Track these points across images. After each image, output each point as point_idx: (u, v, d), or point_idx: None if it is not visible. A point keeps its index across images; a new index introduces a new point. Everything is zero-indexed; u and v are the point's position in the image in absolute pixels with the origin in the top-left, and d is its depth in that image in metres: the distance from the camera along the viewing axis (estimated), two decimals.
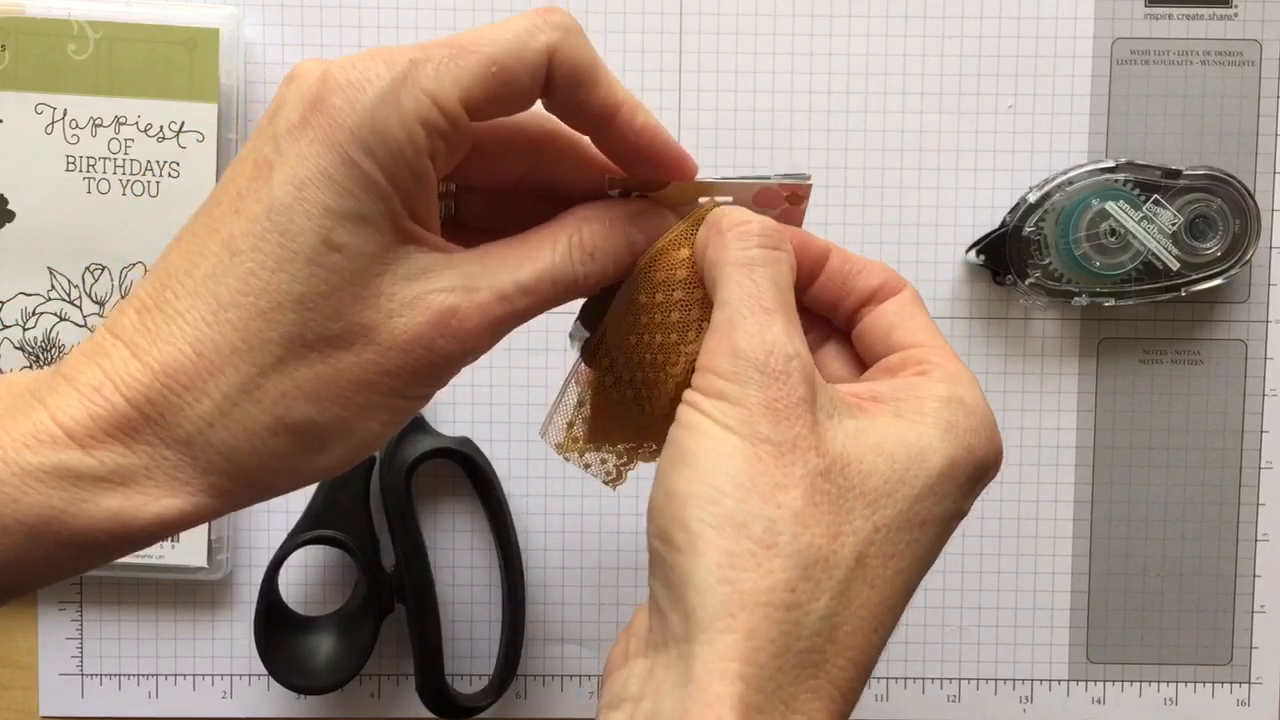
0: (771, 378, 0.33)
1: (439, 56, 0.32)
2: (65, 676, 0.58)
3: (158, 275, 0.33)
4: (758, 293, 0.34)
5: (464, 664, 0.59)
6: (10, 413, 0.32)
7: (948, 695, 0.59)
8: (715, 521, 0.32)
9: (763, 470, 0.32)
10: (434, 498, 0.58)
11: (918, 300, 0.38)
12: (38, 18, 0.54)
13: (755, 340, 0.33)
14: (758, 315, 0.34)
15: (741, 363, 0.33)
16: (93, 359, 0.32)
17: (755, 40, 0.57)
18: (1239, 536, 0.58)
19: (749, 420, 0.33)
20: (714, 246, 0.36)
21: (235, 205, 0.32)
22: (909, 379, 0.36)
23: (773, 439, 0.32)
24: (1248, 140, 0.57)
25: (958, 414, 0.35)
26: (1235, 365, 0.58)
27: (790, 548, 0.31)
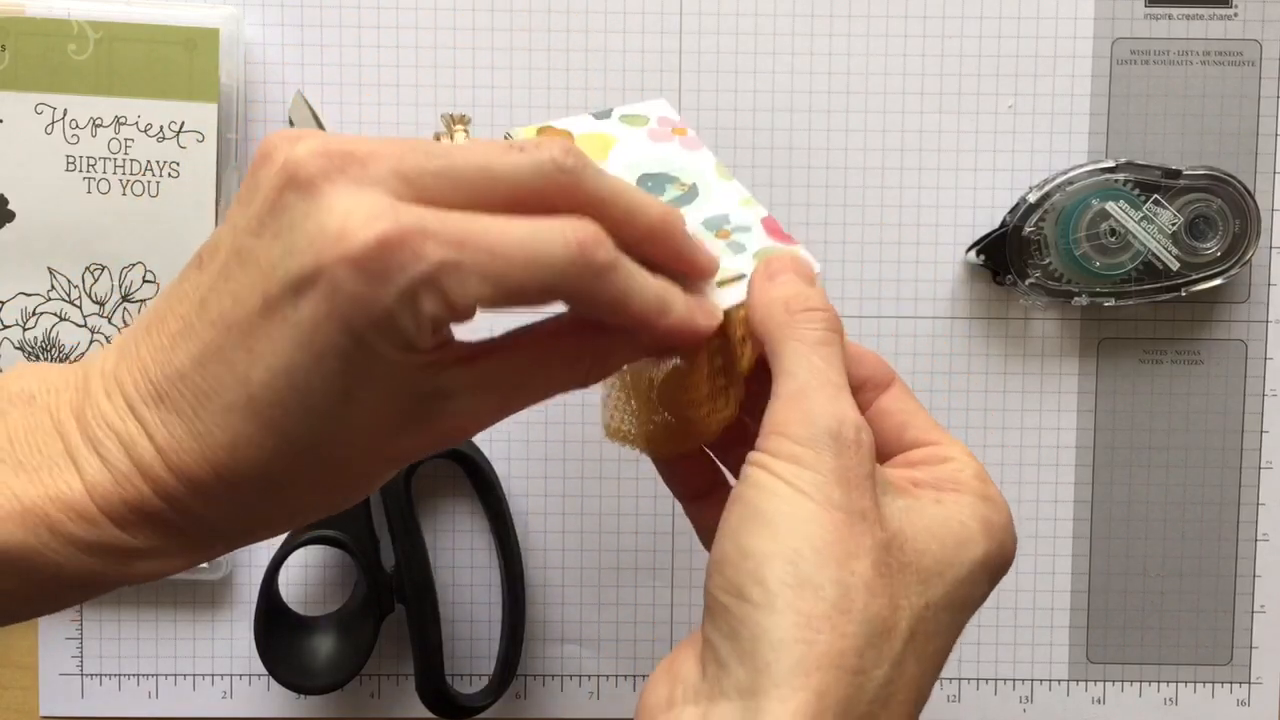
0: (845, 446, 0.34)
1: (469, 263, 0.31)
2: (65, 676, 0.58)
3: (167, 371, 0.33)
4: (827, 368, 0.36)
5: (464, 664, 0.59)
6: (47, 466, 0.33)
7: (948, 695, 0.59)
8: (794, 582, 0.33)
9: (838, 537, 0.33)
10: (434, 498, 0.58)
11: (910, 395, 0.40)
12: (38, 18, 0.54)
13: (829, 410, 0.35)
14: (829, 389, 0.35)
15: (816, 430, 0.34)
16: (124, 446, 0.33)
17: (755, 40, 0.57)
18: (1239, 536, 0.58)
19: (824, 486, 0.34)
20: (780, 323, 0.37)
21: (247, 343, 0.32)
22: (948, 472, 0.37)
23: (845, 507, 0.33)
24: (1248, 140, 0.57)
25: (991, 512, 0.36)
26: (1235, 365, 0.58)
27: (862, 615, 0.33)
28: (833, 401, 0.35)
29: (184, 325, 0.33)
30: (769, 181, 0.57)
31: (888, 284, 0.57)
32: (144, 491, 0.33)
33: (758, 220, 0.40)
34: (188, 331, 0.33)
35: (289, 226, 0.31)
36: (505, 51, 0.57)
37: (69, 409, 0.34)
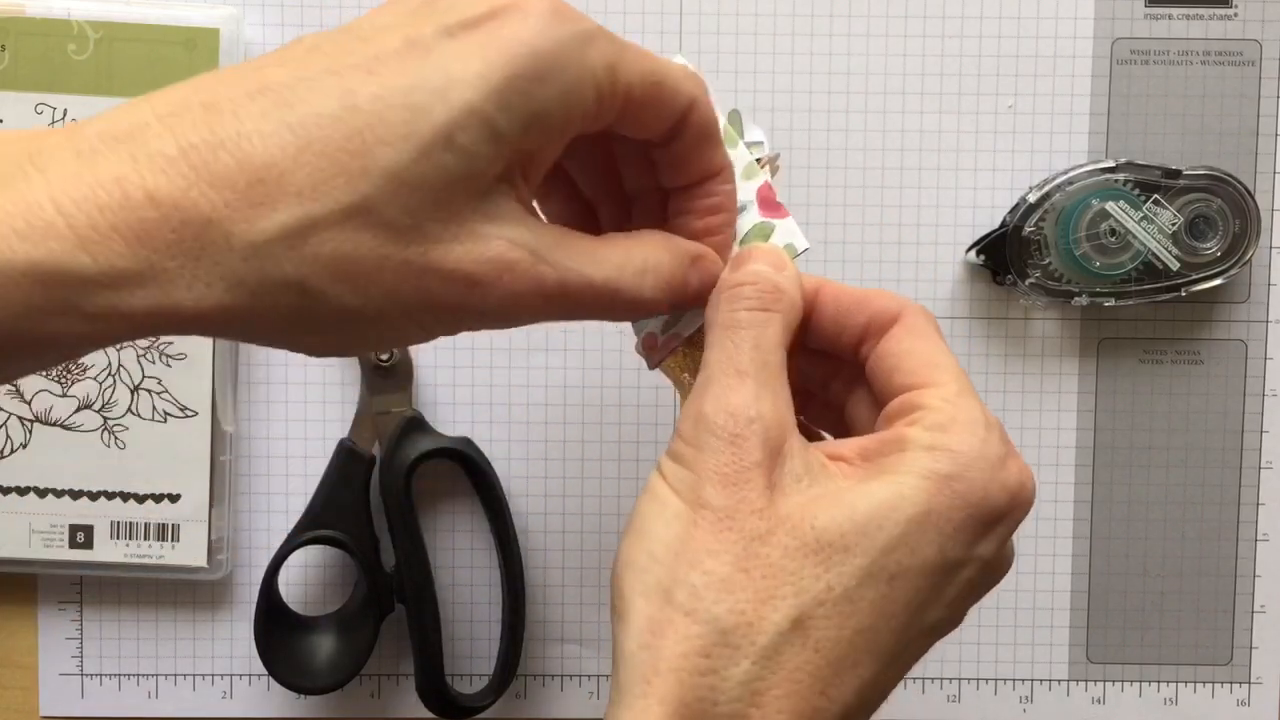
0: (727, 442, 0.33)
1: (626, 43, 0.33)
2: (65, 676, 0.58)
3: (244, 81, 0.29)
4: (735, 354, 0.34)
5: (464, 664, 0.59)
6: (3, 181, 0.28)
7: (948, 695, 0.59)
8: (644, 589, 0.32)
9: (696, 537, 0.32)
10: (434, 498, 0.58)
11: (917, 326, 0.37)
12: (38, 18, 0.54)
13: (719, 404, 0.33)
14: (729, 378, 0.34)
15: (701, 427, 0.33)
16: (125, 143, 0.28)
17: (755, 40, 0.57)
18: (1239, 536, 0.58)
19: (696, 486, 0.33)
20: (709, 308, 0.36)
21: (370, 65, 0.29)
22: (896, 431, 0.35)
23: (713, 505, 0.32)
24: (1248, 140, 0.57)
25: (941, 463, 0.34)
26: (1235, 365, 0.58)
27: (708, 614, 0.32)
28: (728, 392, 0.34)
29: (282, 60, 0.30)
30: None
31: (888, 284, 0.57)
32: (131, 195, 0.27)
33: (753, 193, 0.40)
34: (287, 61, 0.30)
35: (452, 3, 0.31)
36: None
37: (51, 135, 0.29)
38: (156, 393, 0.55)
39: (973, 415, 0.35)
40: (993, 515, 0.34)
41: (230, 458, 0.57)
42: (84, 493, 0.56)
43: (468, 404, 0.58)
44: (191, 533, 0.56)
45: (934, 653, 0.58)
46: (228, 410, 0.56)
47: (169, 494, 0.56)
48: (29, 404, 0.55)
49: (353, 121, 0.29)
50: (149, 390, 0.55)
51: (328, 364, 0.57)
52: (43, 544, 0.56)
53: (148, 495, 0.56)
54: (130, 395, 0.55)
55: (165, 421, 0.55)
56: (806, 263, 0.57)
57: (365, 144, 0.29)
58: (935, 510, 0.33)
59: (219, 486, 0.56)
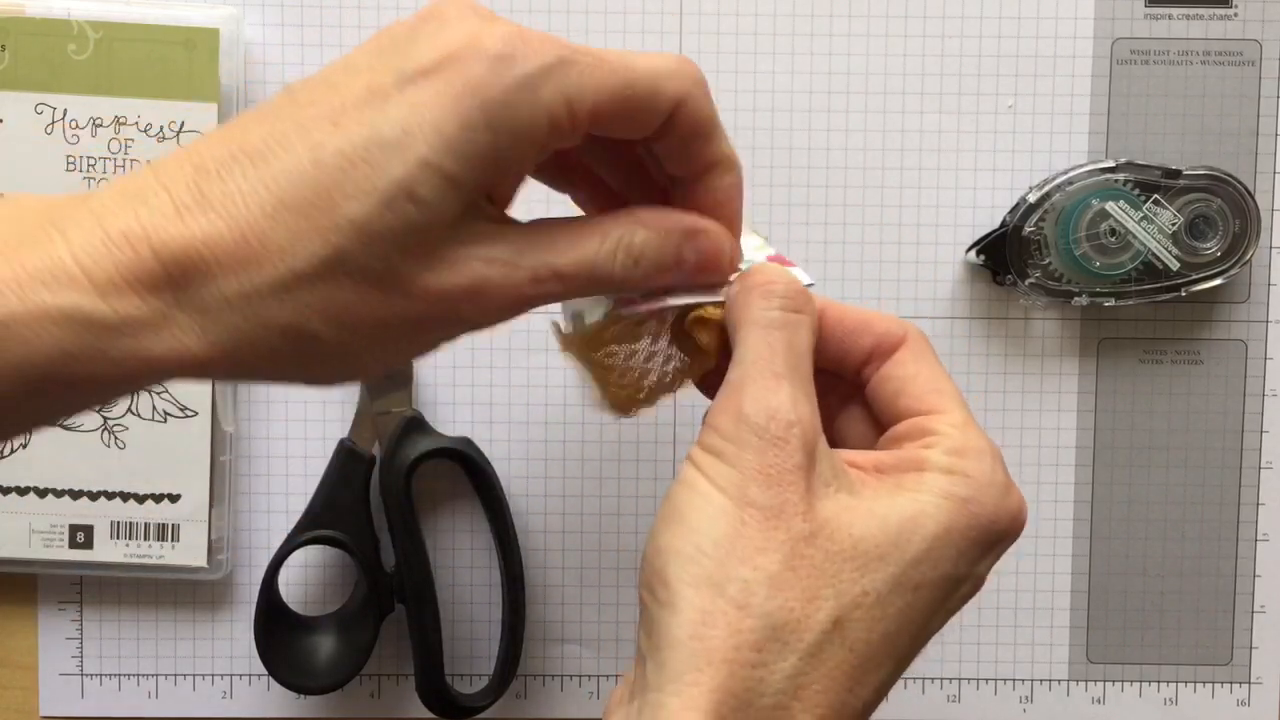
0: (769, 443, 0.34)
1: (584, 61, 0.33)
2: (65, 676, 0.58)
3: (227, 142, 0.32)
4: (770, 356, 0.35)
5: (464, 664, 0.59)
6: (24, 241, 0.31)
7: (948, 695, 0.59)
8: (693, 580, 0.33)
9: (745, 534, 0.33)
10: (434, 498, 0.58)
11: (921, 351, 0.39)
12: (38, 18, 0.54)
13: (760, 404, 0.35)
14: (767, 379, 0.35)
15: (743, 426, 0.34)
16: (130, 203, 0.31)
17: (755, 40, 0.57)
18: (1239, 536, 0.58)
19: (740, 483, 0.34)
20: (739, 305, 0.37)
21: (335, 117, 0.32)
22: (913, 452, 0.36)
23: (760, 503, 0.34)
24: (1248, 140, 0.57)
25: (957, 485, 0.35)
26: (1235, 365, 0.58)
27: (761, 609, 0.33)
28: (767, 393, 0.35)
29: (262, 116, 0.32)
30: (769, 181, 0.57)
31: (888, 284, 0.57)
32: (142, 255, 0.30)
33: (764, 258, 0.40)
34: (265, 118, 0.32)
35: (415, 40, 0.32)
36: None
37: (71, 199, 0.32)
38: (156, 393, 0.55)
39: (981, 444, 0.37)
40: (996, 537, 0.36)
41: (230, 458, 0.57)
42: (84, 493, 0.56)
43: (468, 404, 0.58)
44: (191, 533, 0.56)
45: (934, 653, 0.59)
46: (228, 410, 0.56)
47: (169, 494, 0.56)
48: None
49: (320, 178, 0.31)
50: (149, 390, 0.55)
51: None
52: (43, 544, 0.56)
53: (148, 495, 0.56)
54: (130, 395, 0.55)
55: (165, 421, 0.55)
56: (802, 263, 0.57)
57: (333, 200, 0.31)
58: (954, 529, 0.35)
59: (219, 486, 0.56)
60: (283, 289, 0.31)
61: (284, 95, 0.33)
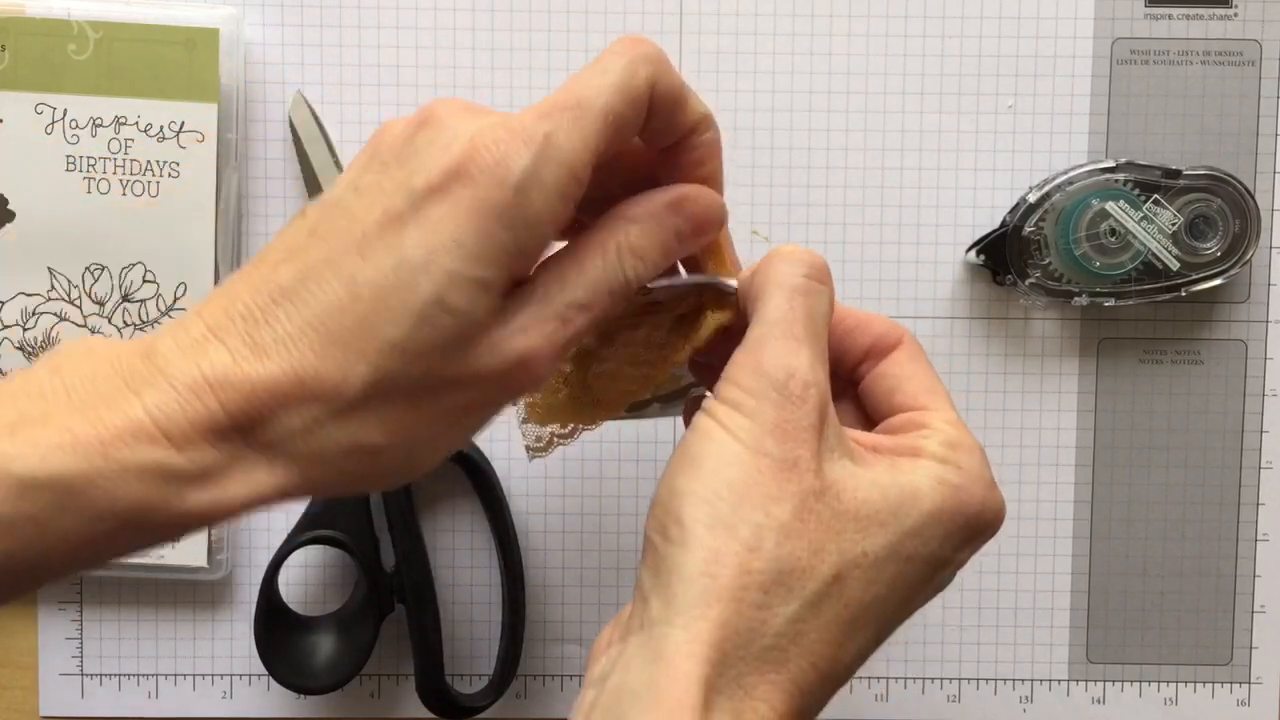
0: (787, 399, 0.35)
1: (565, 123, 0.34)
2: (65, 676, 0.58)
3: (264, 285, 0.34)
4: (793, 318, 0.37)
5: (464, 664, 0.59)
6: (102, 399, 0.33)
7: (948, 695, 0.59)
8: (708, 521, 0.34)
9: (760, 481, 0.35)
10: (434, 498, 0.58)
11: (916, 353, 0.40)
12: (38, 18, 0.54)
13: (780, 362, 0.36)
14: (787, 340, 0.36)
15: (763, 380, 0.36)
16: (191, 356, 0.33)
17: (755, 40, 0.57)
18: (1239, 536, 0.58)
19: (757, 434, 0.35)
20: (764, 269, 0.38)
21: (360, 248, 0.33)
22: (909, 439, 0.38)
23: (775, 455, 0.35)
24: (1248, 140, 0.57)
25: (949, 472, 0.37)
26: (1235, 365, 0.58)
27: (771, 554, 0.34)
28: (788, 353, 0.36)
29: (289, 253, 0.34)
30: (769, 181, 0.57)
31: (888, 284, 0.57)
32: (210, 407, 0.32)
33: None
34: (291, 255, 0.34)
35: (415, 153, 0.34)
36: (505, 52, 0.57)
37: (134, 352, 0.33)
38: None
39: (971, 442, 0.38)
40: (980, 528, 0.38)
41: None
42: None
43: None
44: None
45: (934, 652, 0.59)
46: None
47: None
48: None
49: (359, 310, 0.33)
50: None
51: None
52: None
53: None
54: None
55: None
56: None
57: (374, 327, 0.33)
58: (945, 511, 0.36)
59: None
60: (341, 416, 0.33)
61: (302, 229, 0.35)
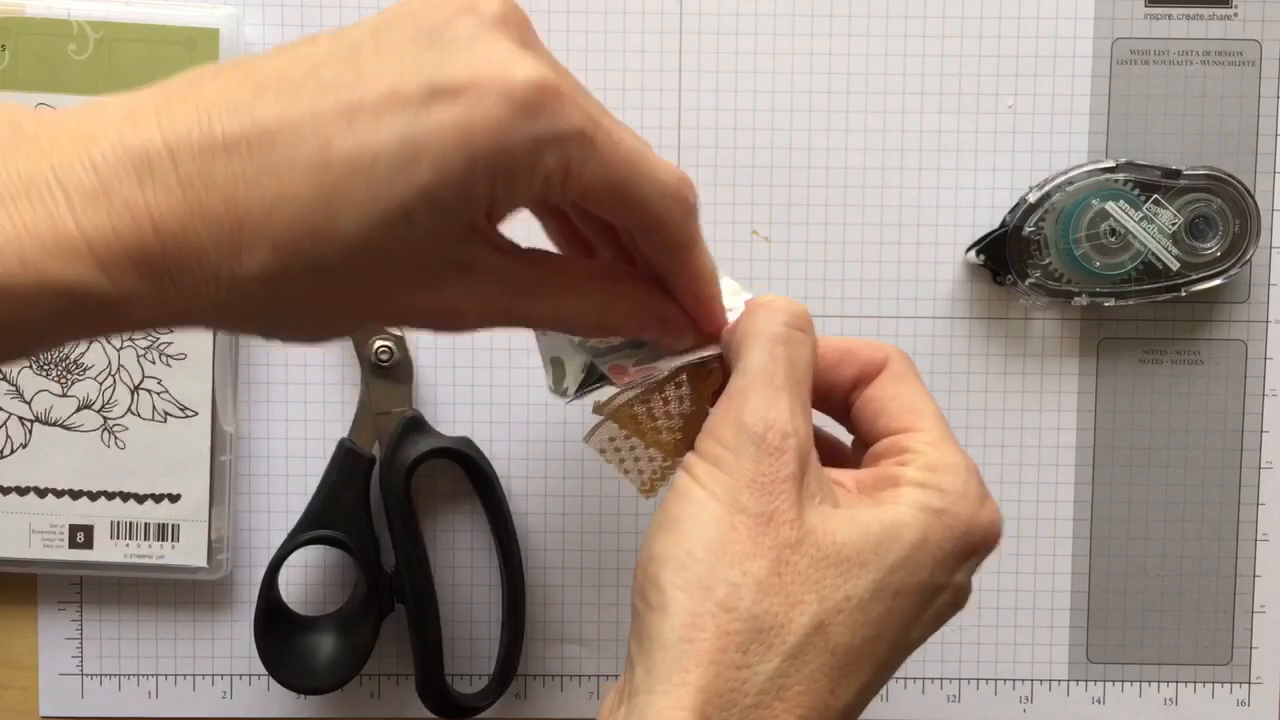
0: (765, 452, 0.35)
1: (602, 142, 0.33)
2: (65, 676, 0.58)
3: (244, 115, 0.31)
4: (773, 369, 0.37)
5: (464, 664, 0.59)
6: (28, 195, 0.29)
7: (948, 695, 0.59)
8: (684, 584, 0.34)
9: (735, 539, 0.35)
10: (434, 498, 0.58)
11: (901, 373, 0.40)
12: (38, 18, 0.54)
13: (759, 414, 0.36)
14: (767, 390, 0.36)
15: (741, 434, 0.36)
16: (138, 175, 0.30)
17: (755, 40, 0.57)
18: (1239, 536, 0.58)
19: (734, 490, 0.35)
20: (744, 320, 0.38)
21: (351, 115, 0.31)
22: (889, 469, 0.38)
23: (751, 510, 0.35)
24: (1248, 140, 0.57)
25: (932, 498, 0.37)
26: (1235, 365, 0.58)
27: (748, 612, 0.34)
28: (766, 404, 0.36)
29: (279, 78, 0.31)
30: (769, 181, 0.57)
31: (888, 284, 0.57)
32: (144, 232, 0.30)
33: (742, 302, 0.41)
34: (283, 85, 0.31)
35: (451, 41, 0.32)
36: None
37: (71, 140, 0.30)
38: (156, 393, 0.55)
39: (955, 459, 0.38)
40: (972, 547, 0.38)
41: (230, 458, 0.57)
42: (84, 493, 0.56)
43: (468, 404, 0.58)
44: (191, 533, 0.56)
45: (934, 653, 0.59)
46: (228, 410, 0.56)
47: (169, 494, 0.56)
48: (29, 404, 0.55)
49: (323, 180, 0.31)
50: (149, 390, 0.55)
51: (328, 364, 0.57)
52: (43, 544, 0.56)
53: (148, 495, 0.56)
54: (130, 395, 0.55)
55: (165, 421, 0.55)
56: (802, 263, 0.57)
57: (332, 209, 0.31)
58: (930, 538, 0.36)
59: (219, 486, 0.56)
60: (269, 279, 0.31)
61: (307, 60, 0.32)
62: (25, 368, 0.55)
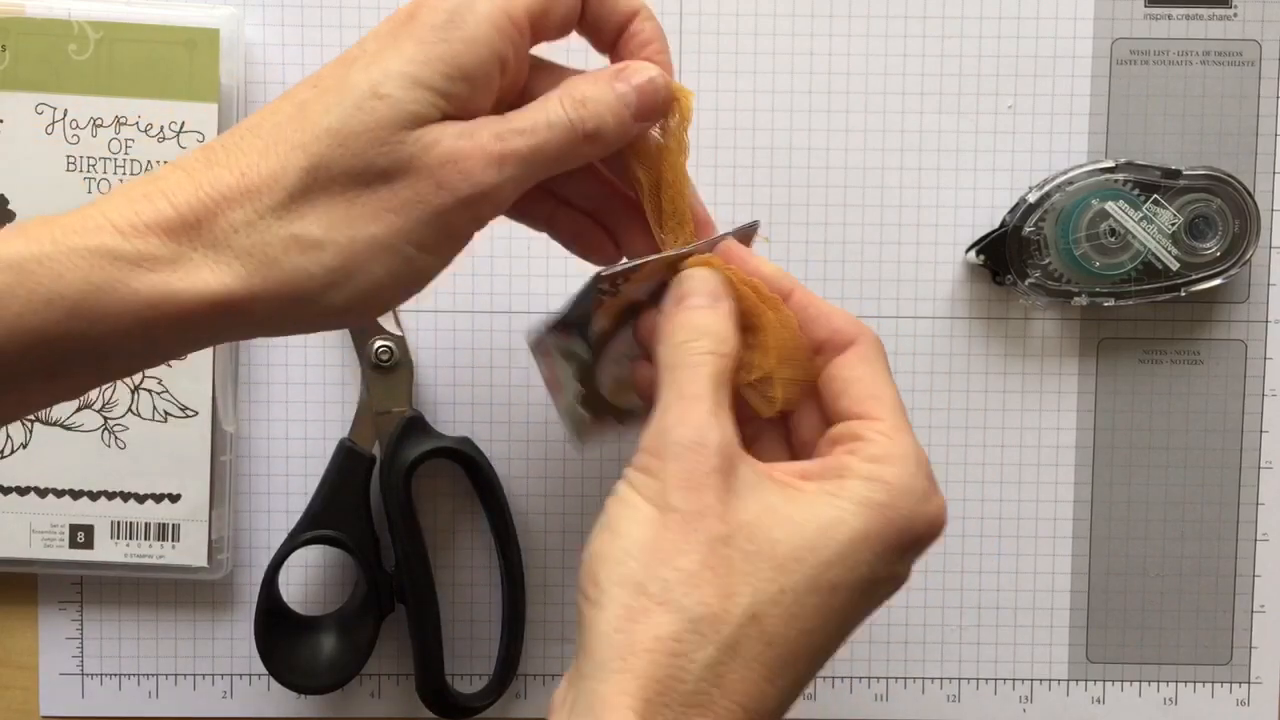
0: (688, 450, 0.37)
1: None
2: (65, 676, 0.58)
3: (235, 128, 0.38)
4: (690, 385, 0.39)
5: (464, 664, 0.59)
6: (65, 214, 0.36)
7: (948, 695, 0.59)
8: (620, 580, 0.36)
9: (667, 537, 0.36)
10: (434, 498, 0.58)
11: (869, 355, 0.41)
12: (38, 18, 0.54)
13: (678, 420, 0.38)
14: (686, 401, 0.39)
15: (666, 439, 0.38)
16: (149, 179, 0.37)
17: (755, 40, 0.57)
18: (1239, 536, 0.58)
19: (663, 492, 0.37)
20: (664, 350, 0.40)
21: (314, 81, 0.38)
22: (837, 458, 0.39)
23: (680, 508, 0.37)
24: (1248, 140, 0.57)
25: (876, 492, 0.38)
26: (1235, 365, 0.58)
27: (680, 604, 0.36)
28: (686, 412, 0.38)
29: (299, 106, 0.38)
30: (769, 181, 0.57)
31: (888, 284, 0.57)
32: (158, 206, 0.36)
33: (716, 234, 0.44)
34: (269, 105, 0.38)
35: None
36: None
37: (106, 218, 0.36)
38: (156, 393, 0.55)
39: (905, 451, 0.39)
40: (913, 540, 0.39)
41: (230, 458, 0.57)
42: (84, 493, 0.56)
43: (468, 404, 0.58)
44: (191, 533, 0.56)
45: (934, 652, 0.59)
46: (228, 410, 0.56)
47: (169, 494, 0.56)
48: None
49: (300, 110, 0.37)
50: (149, 390, 0.55)
51: (328, 364, 0.57)
52: (43, 544, 0.56)
53: (148, 495, 0.56)
54: (130, 395, 0.55)
55: (165, 421, 0.56)
56: (802, 263, 0.57)
57: (308, 117, 0.37)
58: (870, 533, 0.37)
59: (219, 486, 0.56)
60: (281, 208, 0.36)
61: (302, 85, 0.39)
62: None
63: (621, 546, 0.37)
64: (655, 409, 0.39)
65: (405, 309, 0.57)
